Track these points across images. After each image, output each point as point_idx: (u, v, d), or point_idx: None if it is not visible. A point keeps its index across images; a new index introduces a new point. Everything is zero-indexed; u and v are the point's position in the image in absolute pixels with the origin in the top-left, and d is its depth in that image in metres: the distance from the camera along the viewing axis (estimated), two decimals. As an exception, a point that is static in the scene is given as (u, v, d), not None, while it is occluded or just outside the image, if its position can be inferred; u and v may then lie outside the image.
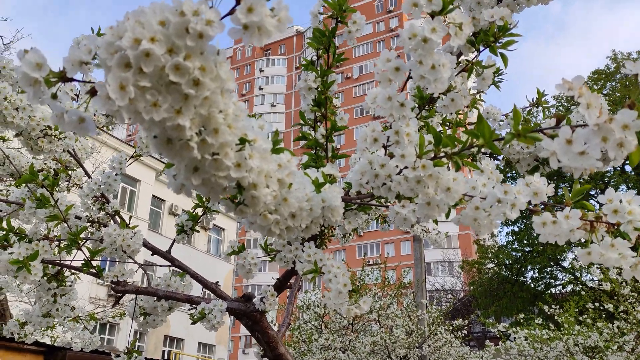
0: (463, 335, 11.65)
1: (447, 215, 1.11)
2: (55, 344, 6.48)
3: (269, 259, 1.52)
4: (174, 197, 22.34)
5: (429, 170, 0.92)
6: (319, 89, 1.31)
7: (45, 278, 1.78)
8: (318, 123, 1.40)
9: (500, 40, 1.23)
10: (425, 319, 10.51)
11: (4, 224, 1.72)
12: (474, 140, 0.91)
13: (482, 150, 1.31)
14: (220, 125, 0.70)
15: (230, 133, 0.71)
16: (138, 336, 20.28)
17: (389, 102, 0.96)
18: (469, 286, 22.98)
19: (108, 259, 1.90)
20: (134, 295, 1.95)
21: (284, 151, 0.85)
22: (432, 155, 0.96)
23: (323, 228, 1.45)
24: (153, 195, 20.96)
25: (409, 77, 0.96)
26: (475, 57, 1.28)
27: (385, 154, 1.05)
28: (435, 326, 10.71)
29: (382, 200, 1.42)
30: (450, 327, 11.14)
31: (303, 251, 1.43)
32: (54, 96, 0.69)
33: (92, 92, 0.67)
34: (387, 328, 10.27)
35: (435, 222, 1.31)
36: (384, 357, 9.93)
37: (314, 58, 1.42)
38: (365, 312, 1.37)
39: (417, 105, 1.29)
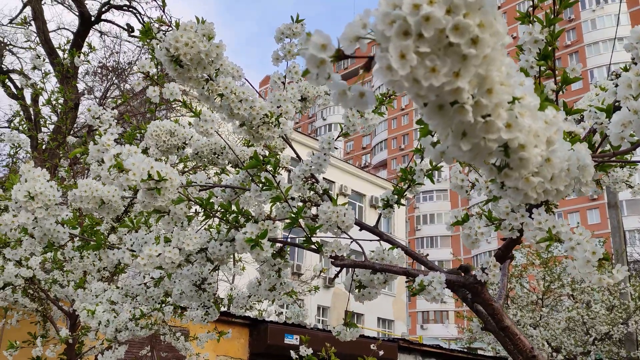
0: (677, 310, 10.21)
1: None
2: (258, 318, 7.14)
3: (494, 228, 1.46)
4: (342, 178, 23.13)
5: None
6: (546, 40, 1.21)
7: (271, 255, 1.93)
8: (541, 79, 1.30)
9: None
10: (629, 293, 9.43)
11: (233, 207, 1.91)
12: None
13: None
14: (495, 84, 0.67)
15: (504, 91, 0.68)
16: (321, 311, 21.56)
17: (662, 38, 0.83)
18: (678, 255, 20.10)
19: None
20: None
21: (547, 107, 0.78)
22: None
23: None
24: (324, 178, 21.90)
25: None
26: None
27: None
28: (641, 301, 9.56)
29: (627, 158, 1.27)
30: (661, 302, 9.84)
31: (532, 218, 1.35)
32: (329, 77, 0.71)
33: (367, 66, 0.69)
34: (583, 303, 9.45)
35: None
36: (582, 335, 9.17)
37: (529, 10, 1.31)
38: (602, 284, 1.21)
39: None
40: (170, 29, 1.73)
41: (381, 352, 5.38)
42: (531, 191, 0.86)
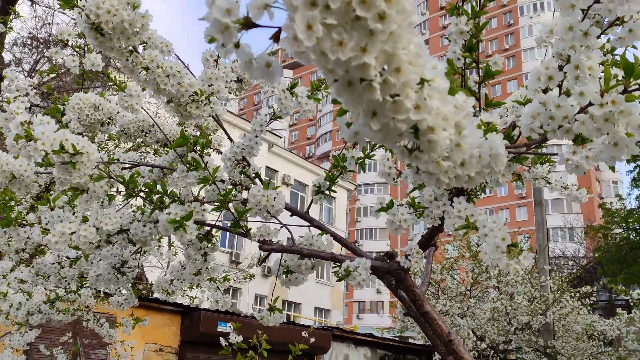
0: (590, 303, 10.94)
1: (631, 160, 1.00)
2: (191, 305, 7.02)
3: (417, 216, 1.48)
4: (286, 168, 23.09)
5: (621, 105, 0.82)
6: (471, 33, 1.23)
7: (197, 238, 1.89)
8: (467, 70, 1.33)
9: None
10: (548, 286, 10.00)
11: (159, 187, 1.84)
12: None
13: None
14: (403, 63, 0.66)
15: (413, 71, 0.68)
16: (259, 300, 21.52)
17: (570, 32, 0.86)
18: (594, 253, 21.50)
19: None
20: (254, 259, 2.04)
21: (458, 91, 0.79)
22: (621, 89, 0.85)
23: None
24: (266, 167, 21.80)
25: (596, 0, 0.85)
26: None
27: (559, 94, 0.95)
28: (559, 293, 10.16)
29: (542, 150, 1.32)
30: (577, 295, 10.51)
31: (452, 206, 1.38)
32: (237, 45, 0.69)
33: (276, 37, 0.67)
34: (507, 294, 9.93)
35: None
36: (505, 324, 9.64)
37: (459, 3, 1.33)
38: (517, 273, 1.28)
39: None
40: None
41: (312, 340, 5.42)
42: (443, 176, 0.87)
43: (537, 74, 0.93)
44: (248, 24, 0.66)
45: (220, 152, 2.19)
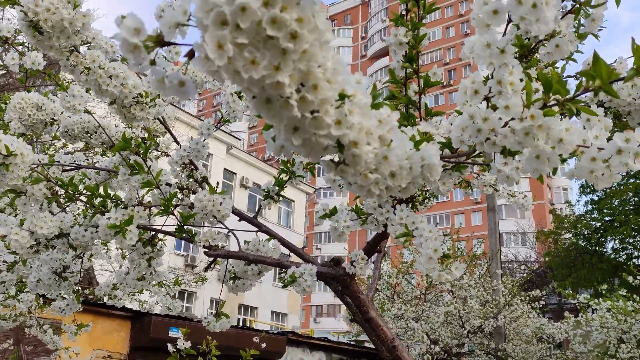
0: (540, 306, 11.31)
1: (554, 172, 1.05)
2: (142, 310, 6.86)
3: (361, 222, 1.50)
4: (244, 170, 22.91)
5: (539, 120, 0.86)
6: (410, 44, 1.26)
7: (141, 243, 1.85)
8: (408, 80, 1.36)
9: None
10: (500, 290, 10.28)
11: (101, 191, 1.80)
12: (590, 82, 0.83)
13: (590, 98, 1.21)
14: (320, 81, 0.67)
15: (330, 88, 0.68)
16: (215, 304, 21.23)
17: (487, 49, 0.90)
18: (544, 257, 22.23)
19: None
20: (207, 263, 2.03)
21: (383, 106, 0.81)
22: (541, 104, 0.89)
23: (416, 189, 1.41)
24: (225, 169, 21.58)
25: (509, 22, 0.89)
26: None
27: (487, 107, 0.99)
28: (510, 297, 10.46)
29: (479, 160, 1.36)
30: (527, 298, 10.84)
31: (395, 214, 1.40)
32: (153, 62, 0.68)
33: (190, 54, 0.66)
34: (461, 298, 10.15)
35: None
36: (458, 327, 9.84)
37: (403, 12, 1.36)
38: (456, 278, 1.33)
39: (517, 55, 1.21)
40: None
41: (263, 345, 5.39)
42: (373, 187, 0.89)
43: (464, 88, 0.96)
44: (161, 41, 0.66)
45: (169, 155, 2.16)
